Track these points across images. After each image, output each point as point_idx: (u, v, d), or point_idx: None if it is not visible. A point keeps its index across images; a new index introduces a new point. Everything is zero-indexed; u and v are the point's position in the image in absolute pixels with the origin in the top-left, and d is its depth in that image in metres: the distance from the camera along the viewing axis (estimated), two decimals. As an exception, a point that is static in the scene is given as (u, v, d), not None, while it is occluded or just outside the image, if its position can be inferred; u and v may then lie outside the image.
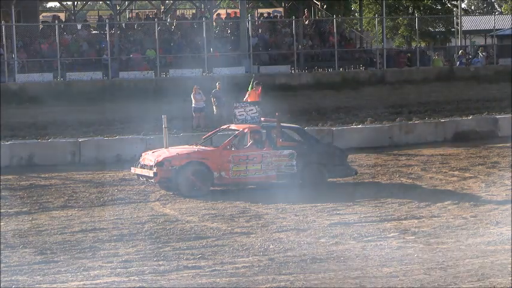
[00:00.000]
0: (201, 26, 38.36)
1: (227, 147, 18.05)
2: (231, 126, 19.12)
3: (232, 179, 17.80)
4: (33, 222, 14.97)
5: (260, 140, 18.30)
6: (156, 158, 17.71)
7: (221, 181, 17.74)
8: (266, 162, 17.89)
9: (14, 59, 34.38)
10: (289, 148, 18.11)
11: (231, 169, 17.75)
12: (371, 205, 16.01)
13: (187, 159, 17.68)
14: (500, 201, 15.99)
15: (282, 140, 18.26)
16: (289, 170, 18.01)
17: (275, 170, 17.95)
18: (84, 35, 38.94)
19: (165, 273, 11.27)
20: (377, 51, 40.61)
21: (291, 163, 18.01)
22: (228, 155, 17.81)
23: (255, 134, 18.36)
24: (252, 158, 17.88)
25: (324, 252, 12.34)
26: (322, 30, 42.70)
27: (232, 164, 17.76)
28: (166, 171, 17.44)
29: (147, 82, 34.56)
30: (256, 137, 18.31)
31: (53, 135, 25.39)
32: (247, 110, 18.76)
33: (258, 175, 17.92)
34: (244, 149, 18.15)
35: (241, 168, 17.83)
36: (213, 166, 17.63)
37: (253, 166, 17.88)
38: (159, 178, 17.51)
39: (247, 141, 18.50)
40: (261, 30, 41.46)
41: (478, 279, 10.71)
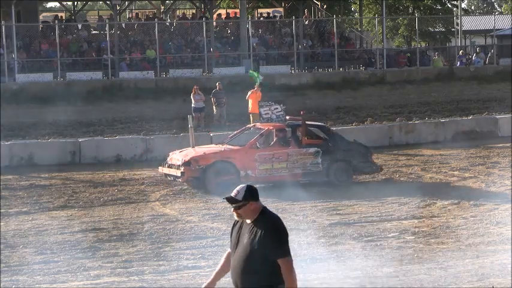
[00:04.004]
0: (201, 26, 38.37)
1: (253, 146, 18.19)
2: (257, 125, 19.30)
3: (259, 178, 17.93)
4: (33, 222, 14.97)
5: (285, 139, 18.46)
6: (183, 157, 17.90)
7: (247, 179, 17.79)
8: (292, 161, 18.07)
9: (14, 59, 34.38)
10: (314, 146, 18.28)
11: (257, 167, 17.92)
12: (371, 205, 16.01)
13: (214, 159, 17.86)
14: (500, 201, 15.98)
15: (307, 138, 18.39)
16: (315, 167, 18.17)
17: (301, 168, 18.12)
18: (84, 35, 38.95)
19: (165, 273, 11.28)
20: (377, 51, 40.61)
21: (316, 161, 18.18)
22: (254, 154, 17.96)
23: (280, 132, 18.52)
24: (277, 156, 18.04)
25: (324, 252, 12.34)
26: (322, 30, 42.71)
27: (258, 162, 17.91)
28: (193, 170, 17.63)
29: (147, 82, 34.57)
30: (281, 136, 18.47)
31: (53, 135, 25.40)
32: (272, 109, 18.97)
33: (284, 173, 18.05)
34: (270, 148, 18.30)
35: (267, 166, 17.98)
36: (239, 165, 17.81)
37: (279, 164, 18.04)
38: (186, 177, 17.70)
39: (273, 140, 18.65)
40: (261, 30, 41.47)
41: (478, 279, 10.71)
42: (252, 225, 6.65)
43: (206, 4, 42.03)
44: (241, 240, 6.67)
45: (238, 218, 6.78)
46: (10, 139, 23.94)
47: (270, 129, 18.61)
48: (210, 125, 28.23)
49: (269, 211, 6.73)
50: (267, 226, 6.57)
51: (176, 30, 41.14)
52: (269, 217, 6.66)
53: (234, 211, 6.75)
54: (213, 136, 23.77)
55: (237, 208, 6.71)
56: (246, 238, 6.63)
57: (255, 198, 6.69)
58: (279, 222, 6.61)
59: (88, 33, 39.68)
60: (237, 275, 6.65)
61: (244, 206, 6.67)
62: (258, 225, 6.60)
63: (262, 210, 6.69)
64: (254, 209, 6.66)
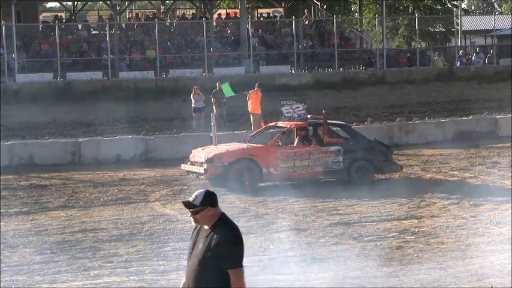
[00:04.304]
0: (201, 26, 38.37)
1: (275, 144, 18.35)
2: (278, 124, 19.46)
3: (281, 175, 18.10)
4: (33, 222, 14.97)
5: (307, 137, 18.63)
6: (207, 155, 18.08)
7: (269, 177, 18.06)
8: (313, 159, 18.23)
9: (14, 59, 34.38)
10: (335, 145, 18.45)
11: (279, 165, 18.07)
12: (371, 205, 16.01)
13: (237, 156, 18.07)
14: (500, 201, 15.98)
15: (328, 137, 18.54)
16: (336, 166, 18.32)
17: (322, 166, 18.28)
18: (84, 35, 38.95)
19: (165, 273, 11.28)
20: (377, 51, 40.61)
21: (337, 159, 18.33)
22: (276, 152, 18.13)
23: (302, 131, 18.70)
24: (299, 154, 18.22)
25: (324, 252, 12.34)
26: (322, 30, 42.71)
27: (281, 160, 18.07)
28: (216, 167, 17.83)
29: (147, 82, 34.56)
30: (303, 134, 18.63)
31: (53, 135, 25.40)
32: (293, 108, 19.18)
33: (306, 171, 18.23)
34: (291, 146, 18.46)
35: (289, 164, 18.14)
36: (261, 163, 17.98)
37: (301, 162, 18.20)
38: (209, 175, 17.88)
39: (294, 138, 18.81)
40: (261, 30, 41.46)
41: (478, 279, 10.71)
42: (208, 231, 6.49)
43: (206, 4, 42.02)
44: (197, 246, 6.53)
45: (195, 223, 6.61)
46: (10, 139, 23.94)
47: (292, 128, 18.80)
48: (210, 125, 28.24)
49: (228, 218, 6.55)
50: (223, 234, 6.40)
51: (176, 30, 41.14)
52: (226, 225, 6.48)
53: (191, 216, 6.58)
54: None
55: (194, 213, 6.54)
56: (201, 244, 6.48)
57: (213, 204, 6.53)
58: (235, 230, 6.44)
59: (88, 33, 39.68)
60: (190, 280, 6.53)
61: (202, 212, 6.51)
62: (214, 233, 6.44)
63: (220, 217, 6.52)
64: (212, 215, 6.50)
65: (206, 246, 6.43)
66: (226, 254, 6.35)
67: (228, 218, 6.58)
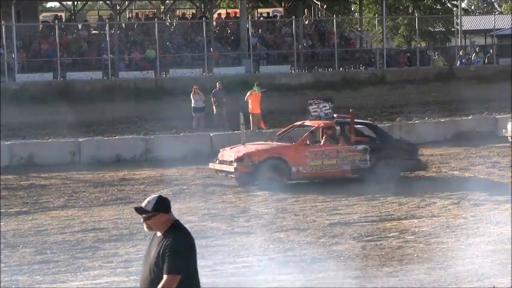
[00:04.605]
0: (201, 26, 38.36)
1: (304, 143, 18.48)
2: (305, 122, 19.63)
3: (309, 174, 18.30)
4: (33, 222, 14.96)
5: (334, 136, 18.79)
6: (236, 153, 18.26)
7: (298, 176, 18.24)
8: (341, 157, 18.41)
9: (14, 59, 34.38)
10: (362, 143, 18.60)
11: (308, 164, 18.22)
12: (371, 205, 16.01)
13: (267, 155, 18.25)
14: (500, 201, 15.98)
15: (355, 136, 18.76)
16: (363, 164, 18.47)
17: (350, 164, 18.45)
18: (84, 35, 38.95)
19: (165, 273, 11.25)
20: (377, 51, 40.61)
21: (364, 158, 18.48)
22: (304, 150, 18.30)
23: (329, 129, 18.86)
24: (327, 153, 18.39)
25: (324, 252, 12.33)
26: (322, 30, 42.70)
27: (309, 159, 18.22)
28: (246, 166, 18.01)
29: (147, 82, 34.56)
30: (330, 133, 18.79)
31: (53, 135, 25.40)
32: (320, 107, 19.42)
33: (334, 169, 18.41)
34: (320, 144, 18.64)
35: (317, 163, 18.30)
36: (290, 161, 18.14)
37: (329, 161, 18.38)
38: (239, 173, 18.04)
39: (321, 137, 19.01)
40: (261, 30, 41.46)
41: (478, 279, 10.71)
42: (161, 238, 6.39)
43: (206, 4, 42.01)
44: (150, 254, 6.45)
45: (148, 230, 6.50)
46: (10, 139, 23.94)
47: (320, 126, 18.95)
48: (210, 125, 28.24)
49: (181, 225, 6.46)
50: (171, 240, 6.29)
51: (176, 30, 41.14)
52: (178, 231, 6.39)
53: (143, 222, 6.48)
54: (213, 136, 23.78)
55: (146, 219, 6.43)
56: (153, 251, 6.39)
57: (166, 210, 6.42)
58: (185, 237, 6.35)
59: (88, 33, 39.67)
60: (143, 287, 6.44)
61: (154, 217, 6.40)
62: (166, 239, 6.32)
63: (173, 224, 6.41)
64: (164, 221, 6.39)
65: (157, 253, 6.33)
66: (167, 258, 6.23)
67: (181, 224, 6.47)
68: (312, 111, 19.43)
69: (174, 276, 6.22)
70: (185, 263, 6.29)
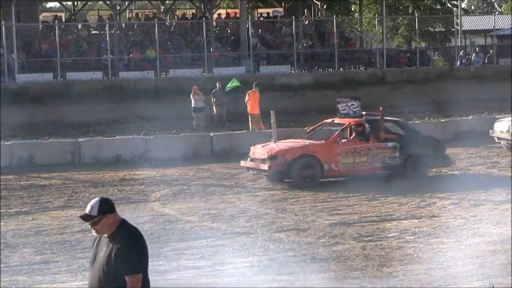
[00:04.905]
0: (201, 26, 38.36)
1: (336, 141, 18.66)
2: (335, 120, 19.82)
3: (341, 171, 18.51)
4: (33, 222, 14.96)
5: (364, 133, 18.99)
6: (269, 151, 18.40)
7: (331, 173, 18.44)
8: (372, 155, 18.63)
9: (14, 59, 34.38)
10: (392, 141, 18.82)
11: (340, 161, 18.44)
12: (371, 205, 16.01)
13: (300, 153, 18.41)
14: (500, 201, 15.98)
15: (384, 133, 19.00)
16: (393, 161, 18.71)
17: (380, 161, 18.67)
18: (84, 35, 38.95)
19: (165, 273, 11.27)
20: (377, 51, 40.61)
21: (394, 155, 18.71)
22: (336, 148, 18.52)
23: (359, 127, 19.06)
24: (359, 150, 18.61)
25: (324, 252, 12.33)
26: (322, 30, 42.70)
27: (341, 156, 18.44)
28: (279, 164, 18.17)
29: (147, 82, 34.56)
30: (359, 130, 18.99)
31: (53, 135, 25.40)
32: (349, 105, 19.56)
33: (365, 167, 18.61)
34: (351, 142, 18.81)
35: (349, 160, 18.52)
36: (323, 159, 18.33)
37: (360, 158, 18.59)
38: (272, 171, 18.15)
39: (350, 135, 19.23)
40: (261, 30, 41.46)
41: (478, 279, 10.71)
42: (109, 239, 6.32)
43: (206, 4, 42.01)
44: (98, 256, 6.38)
45: (97, 234, 6.43)
46: (10, 139, 23.94)
47: (351, 124, 19.15)
48: (210, 125, 28.25)
49: (128, 224, 6.39)
50: (122, 240, 6.23)
51: (176, 30, 41.13)
52: (127, 230, 6.32)
53: (91, 228, 6.39)
54: (213, 136, 23.79)
55: (94, 224, 6.35)
56: (102, 253, 6.31)
57: (111, 211, 6.36)
58: (137, 236, 6.30)
59: (88, 33, 39.67)
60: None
61: (101, 221, 6.33)
62: (115, 240, 6.27)
63: (120, 223, 6.35)
64: (112, 223, 6.34)
65: (107, 255, 6.26)
66: (124, 259, 6.17)
67: (129, 223, 6.41)
68: (341, 109, 19.63)
69: (138, 276, 6.21)
70: (142, 261, 6.28)
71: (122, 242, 6.24)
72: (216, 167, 21.12)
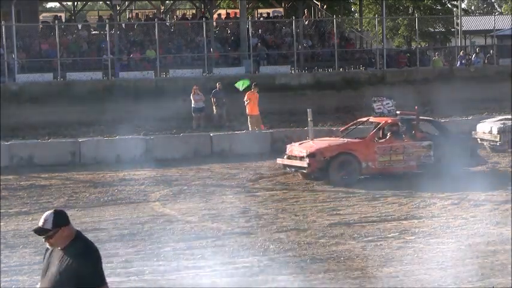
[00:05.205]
0: (201, 26, 38.37)
1: (373, 139, 18.98)
2: (370, 119, 20.10)
3: (378, 169, 18.79)
4: (33, 222, 14.93)
5: (398, 132, 19.26)
6: (308, 149, 18.67)
7: (368, 171, 18.69)
8: (407, 153, 18.94)
9: (14, 59, 34.38)
10: (426, 139, 19.14)
11: (377, 160, 18.72)
12: (371, 205, 16.01)
13: (338, 151, 18.68)
14: (500, 201, 15.99)
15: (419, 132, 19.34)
16: (428, 160, 19.01)
17: (415, 160, 18.98)
18: (84, 35, 38.95)
19: (165, 273, 11.27)
20: (377, 51, 40.61)
21: (429, 153, 19.02)
22: (374, 146, 18.82)
23: (394, 126, 19.32)
24: (395, 149, 18.91)
25: (324, 252, 12.33)
26: (322, 30, 42.71)
27: (378, 154, 18.73)
28: (318, 161, 18.43)
29: (147, 82, 34.56)
30: (394, 129, 19.25)
31: (53, 135, 25.40)
32: (384, 104, 19.86)
33: (401, 165, 18.94)
34: (388, 141, 19.05)
35: (385, 158, 18.82)
36: (361, 157, 18.61)
37: (396, 157, 18.91)
38: (311, 169, 18.42)
39: (387, 133, 19.41)
40: (261, 30, 41.46)
41: (478, 279, 10.71)
42: (63, 252, 6.10)
43: (206, 4, 42.02)
44: (50, 269, 6.13)
45: (52, 247, 6.19)
46: (10, 139, 23.94)
47: (387, 123, 19.35)
48: (210, 125, 28.25)
49: (83, 236, 6.24)
50: (80, 253, 6.05)
51: (176, 30, 41.14)
52: (82, 243, 6.17)
53: (46, 241, 6.15)
54: (213, 136, 23.79)
55: (48, 238, 6.11)
56: (55, 266, 6.08)
57: (66, 223, 6.15)
58: (93, 248, 6.14)
59: (88, 33, 39.68)
60: None
61: (56, 234, 6.10)
62: (69, 253, 6.06)
63: (76, 235, 6.20)
64: (67, 235, 6.14)
65: (63, 268, 6.06)
66: (87, 273, 6.00)
67: (83, 235, 6.27)
68: (376, 108, 19.87)
69: (107, 286, 6.10)
70: (102, 272, 6.13)
71: (80, 254, 6.06)
72: (216, 167, 21.12)
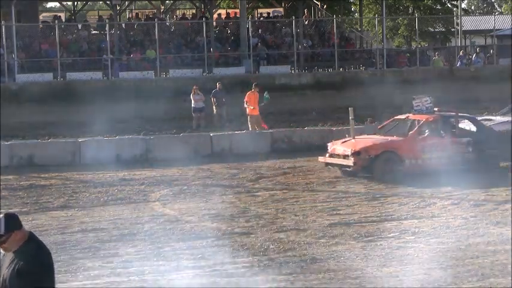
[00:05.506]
0: (201, 26, 38.37)
1: (416, 137, 19.23)
2: (409, 116, 20.30)
3: (421, 166, 19.00)
4: (33, 222, 14.95)
5: (440, 129, 19.56)
6: (352, 147, 18.90)
7: (411, 168, 18.88)
8: (448, 150, 19.16)
9: (14, 59, 34.38)
10: (465, 136, 19.43)
11: (420, 157, 18.96)
12: (371, 205, 16.01)
13: (382, 149, 18.92)
14: (500, 201, 15.98)
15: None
16: (467, 156, 19.27)
17: (455, 156, 19.22)
18: (84, 35, 38.96)
19: (165, 273, 11.27)
20: (377, 51, 40.61)
21: (468, 150, 19.30)
22: (416, 144, 19.06)
23: (436, 123, 19.60)
24: (436, 145, 19.17)
25: (324, 252, 12.33)
26: (322, 30, 42.71)
27: (421, 151, 18.96)
28: (363, 159, 18.66)
29: (147, 82, 34.56)
30: (437, 127, 19.55)
31: (53, 135, 25.39)
32: (422, 101, 20.08)
33: (442, 161, 19.09)
34: (429, 138, 19.31)
35: (427, 155, 19.05)
36: (404, 154, 18.88)
37: (438, 153, 19.12)
38: (357, 166, 18.68)
39: (427, 130, 19.64)
40: (261, 30, 41.47)
41: (478, 279, 10.71)
42: (14, 255, 5.96)
43: (206, 4, 42.03)
44: (1, 270, 5.99)
45: (5, 251, 6.01)
46: (10, 139, 23.93)
47: (428, 120, 19.58)
48: (210, 125, 28.25)
49: (36, 238, 6.08)
50: (31, 255, 5.90)
51: (176, 30, 41.14)
52: (35, 244, 6.02)
53: None
54: (212, 136, 23.79)
55: (2, 243, 5.94)
56: (6, 270, 5.93)
57: (18, 227, 5.97)
58: (45, 250, 6.00)
59: (88, 33, 39.69)
60: None
61: (10, 238, 5.93)
62: (21, 254, 5.91)
63: (28, 237, 6.02)
64: (20, 238, 5.97)
65: (15, 272, 5.88)
66: (37, 275, 5.86)
67: (36, 237, 6.14)
68: (415, 105, 20.08)
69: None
70: (53, 276, 6.01)
71: (27, 259, 5.90)
72: (216, 167, 21.12)
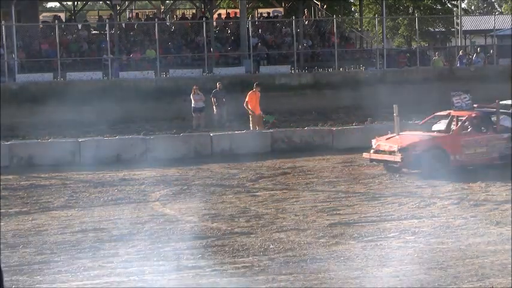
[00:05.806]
0: (201, 26, 38.37)
1: (459, 133, 19.54)
2: (451, 113, 20.58)
3: (465, 162, 19.35)
4: (33, 222, 14.96)
5: (479, 125, 19.86)
6: (399, 144, 19.20)
7: (456, 164, 19.17)
8: (490, 145, 19.55)
9: (14, 59, 34.38)
10: (506, 131, 19.71)
11: (463, 152, 19.27)
12: (371, 205, 16.01)
13: (429, 145, 19.27)
14: (500, 201, 15.98)
15: None
16: (508, 151, 19.52)
17: (497, 152, 19.56)
18: (84, 35, 38.96)
19: (165, 273, 11.27)
20: (377, 51, 40.61)
21: (509, 145, 19.56)
22: (460, 140, 19.37)
23: (478, 119, 19.96)
24: (479, 141, 19.51)
25: (324, 252, 12.33)
26: (322, 30, 42.71)
27: (464, 147, 19.28)
28: (410, 156, 18.91)
29: (147, 82, 34.57)
30: (476, 122, 19.86)
31: (53, 135, 25.39)
32: (462, 98, 20.52)
33: (485, 157, 19.50)
34: (472, 134, 19.64)
35: (471, 151, 19.38)
36: (449, 150, 19.19)
37: (480, 149, 19.48)
38: (404, 162, 18.93)
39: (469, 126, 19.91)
40: (261, 30, 41.47)
41: (478, 279, 10.70)
42: None
43: (206, 4, 42.04)
44: None
45: None
46: (10, 139, 23.93)
47: (470, 116, 19.89)
48: (210, 125, 28.26)
49: None
50: None
51: (176, 30, 41.15)
52: None
53: None
54: (212, 136, 23.79)
55: None
56: None
57: None
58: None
59: (88, 33, 39.69)
60: None
61: None
62: None
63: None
64: None
65: None
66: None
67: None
68: (455, 102, 20.37)
69: None
70: None
71: None
72: (216, 167, 21.12)
